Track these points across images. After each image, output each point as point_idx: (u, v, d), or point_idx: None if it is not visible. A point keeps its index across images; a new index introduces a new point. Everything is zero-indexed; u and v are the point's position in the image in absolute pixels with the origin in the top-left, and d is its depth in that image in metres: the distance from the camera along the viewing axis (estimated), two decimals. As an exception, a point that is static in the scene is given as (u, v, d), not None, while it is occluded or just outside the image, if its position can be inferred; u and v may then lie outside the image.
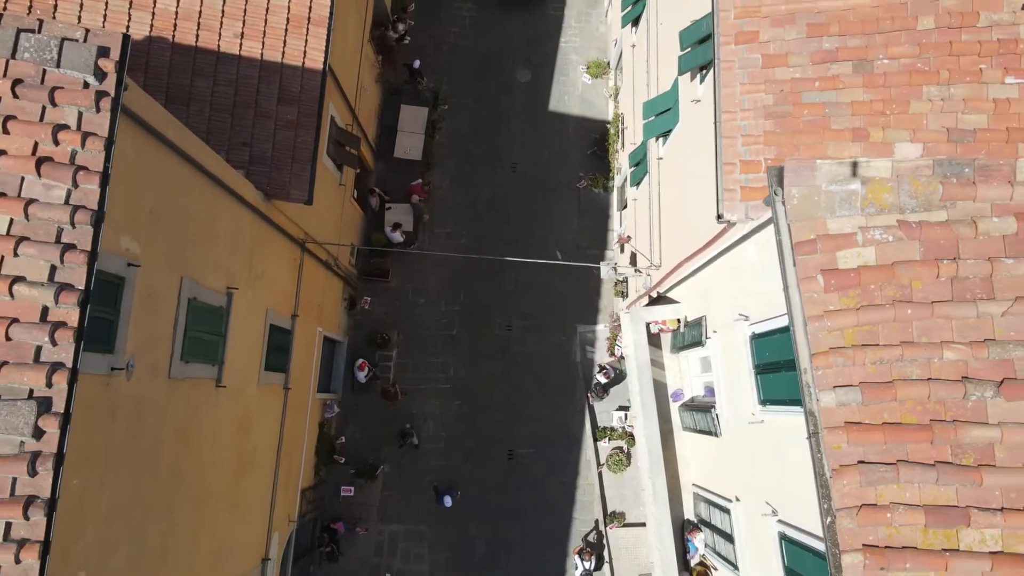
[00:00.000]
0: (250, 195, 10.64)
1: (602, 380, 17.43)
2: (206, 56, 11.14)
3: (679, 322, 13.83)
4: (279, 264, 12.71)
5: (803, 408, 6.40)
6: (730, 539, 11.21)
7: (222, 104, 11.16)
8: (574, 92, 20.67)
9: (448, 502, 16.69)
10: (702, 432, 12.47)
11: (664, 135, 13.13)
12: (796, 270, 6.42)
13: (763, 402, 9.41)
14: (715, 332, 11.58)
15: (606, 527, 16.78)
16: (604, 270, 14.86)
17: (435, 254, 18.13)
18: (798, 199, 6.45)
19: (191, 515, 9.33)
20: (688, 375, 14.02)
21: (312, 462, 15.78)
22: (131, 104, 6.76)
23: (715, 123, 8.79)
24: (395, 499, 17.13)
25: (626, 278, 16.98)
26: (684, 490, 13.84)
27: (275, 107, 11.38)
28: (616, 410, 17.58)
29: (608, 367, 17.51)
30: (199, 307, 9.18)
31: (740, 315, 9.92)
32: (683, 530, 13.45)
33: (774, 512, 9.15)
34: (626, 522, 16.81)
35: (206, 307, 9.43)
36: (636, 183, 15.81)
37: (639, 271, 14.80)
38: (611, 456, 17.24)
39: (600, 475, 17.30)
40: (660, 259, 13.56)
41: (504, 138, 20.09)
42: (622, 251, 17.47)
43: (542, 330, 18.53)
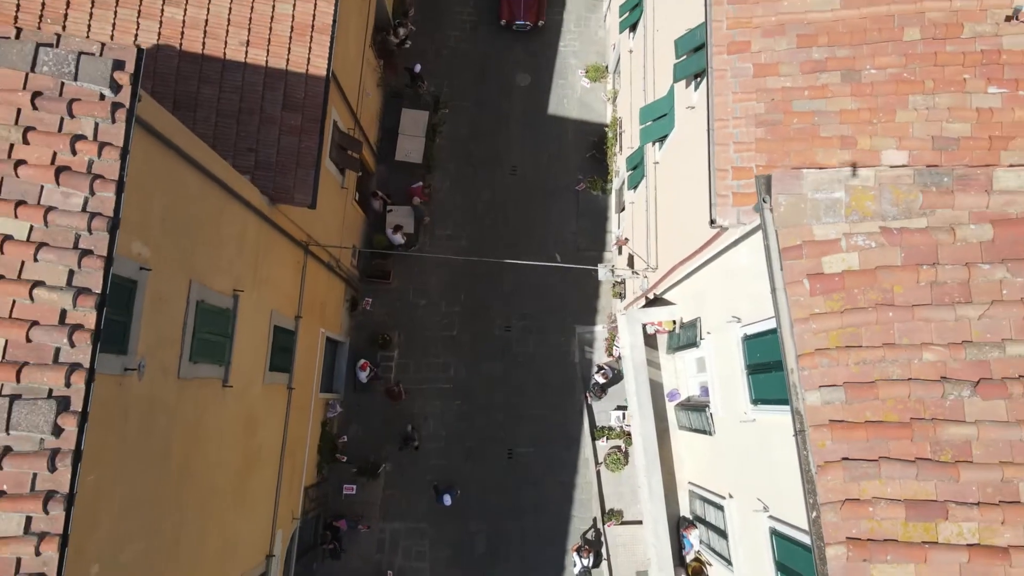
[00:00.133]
0: (255, 199, 10.90)
1: (600, 380, 17.69)
2: (212, 64, 11.40)
3: (675, 323, 14.09)
4: (283, 266, 12.98)
5: (790, 407, 6.66)
6: (724, 535, 11.48)
7: (228, 110, 11.43)
8: (573, 96, 20.94)
9: (448, 501, 16.95)
10: (697, 431, 12.73)
11: (660, 140, 13.39)
12: (783, 274, 6.69)
13: (755, 401, 9.68)
14: (709, 333, 11.84)
15: (604, 525, 17.04)
16: (602, 272, 15.13)
17: (436, 256, 18.40)
18: (785, 206, 6.72)
19: (199, 511, 9.59)
20: (684, 375, 14.29)
21: (315, 460, 16.05)
22: (144, 114, 7.02)
23: (708, 130, 9.04)
24: (396, 497, 17.41)
25: (624, 280, 17.23)
26: (680, 488, 14.10)
27: (280, 113, 11.65)
28: (614, 410, 17.84)
29: (606, 367, 17.78)
30: (207, 309, 9.45)
31: (733, 317, 10.18)
32: (679, 527, 13.71)
33: (765, 508, 9.41)
34: (624, 520, 17.07)
35: (213, 309, 9.70)
36: (634, 186, 16.08)
37: (636, 273, 15.07)
38: (609, 455, 17.50)
39: (598, 474, 17.56)
40: (657, 261, 13.83)
41: (504, 141, 20.37)
42: (620, 253, 17.72)
43: (541, 331, 18.80)
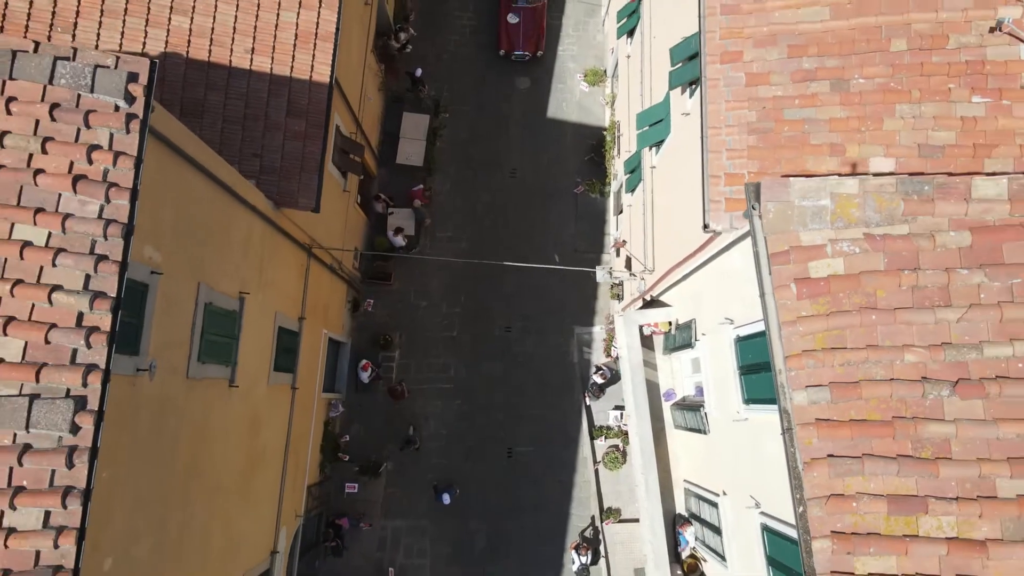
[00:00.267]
0: (261, 204, 11.17)
1: (599, 380, 17.95)
2: (218, 71, 11.66)
3: (670, 325, 14.36)
4: (287, 269, 13.24)
5: (778, 406, 6.93)
6: (718, 531, 11.74)
7: (234, 116, 11.69)
8: (572, 99, 21.21)
9: (446, 500, 17.20)
10: (692, 430, 13.00)
11: (657, 145, 13.66)
12: (771, 279, 6.95)
13: (747, 401, 9.95)
14: (704, 335, 12.10)
15: (602, 523, 17.30)
16: (600, 274, 15.38)
17: (437, 259, 18.67)
18: (773, 213, 6.99)
19: (206, 508, 9.85)
20: (679, 375, 14.55)
21: (318, 459, 16.31)
22: (156, 124, 7.28)
23: (702, 138, 9.31)
24: (398, 496, 17.67)
25: (622, 281, 17.50)
26: (676, 486, 14.36)
27: (284, 119, 11.91)
28: (612, 409, 18.10)
29: (605, 368, 18.04)
30: (214, 311, 9.71)
31: (726, 319, 10.45)
32: (675, 524, 13.98)
33: (757, 505, 9.67)
34: (622, 518, 17.33)
35: (220, 311, 9.96)
36: (631, 189, 16.34)
37: (634, 275, 15.33)
38: (607, 454, 17.76)
39: (596, 472, 17.83)
40: (653, 263, 14.09)
41: (503, 144, 20.64)
42: (618, 255, 17.98)
43: (541, 332, 19.06)
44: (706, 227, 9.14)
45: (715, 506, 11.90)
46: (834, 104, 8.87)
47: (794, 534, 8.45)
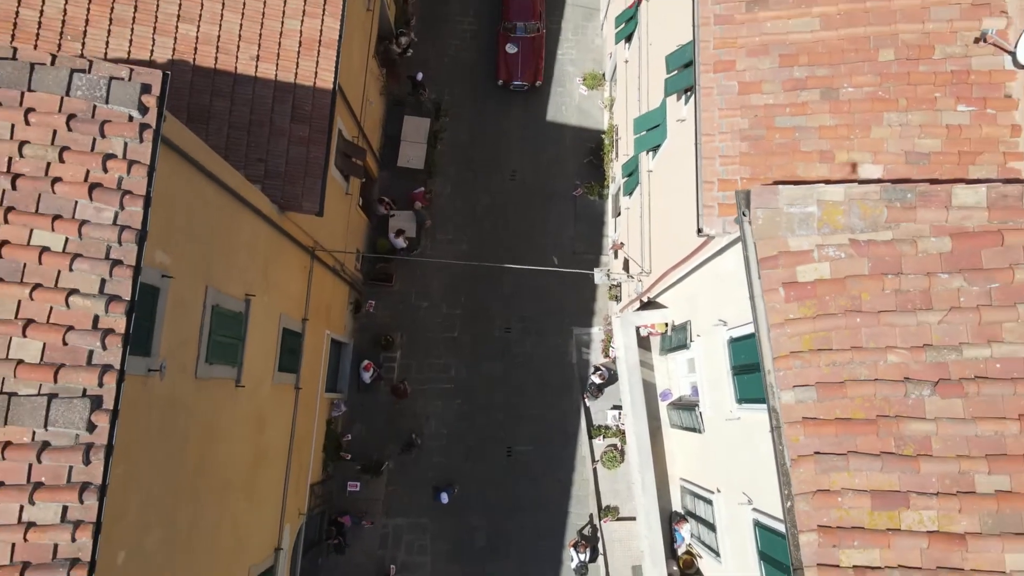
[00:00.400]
0: (266, 208, 11.43)
1: (597, 380, 18.21)
2: (224, 78, 11.92)
3: (667, 326, 14.62)
4: (291, 271, 13.51)
5: (767, 405, 7.19)
6: (712, 528, 12.01)
7: (239, 122, 11.94)
8: (571, 103, 21.46)
9: (445, 499, 17.42)
10: (688, 429, 13.27)
11: (654, 149, 13.92)
12: (761, 283, 7.21)
13: (739, 401, 10.21)
14: (699, 336, 12.37)
15: (600, 521, 17.54)
16: (598, 275, 15.63)
17: (438, 260, 18.92)
18: (763, 219, 7.25)
19: (214, 505, 10.11)
20: (675, 376, 14.81)
21: (320, 458, 16.58)
22: (168, 133, 7.55)
23: (696, 145, 9.57)
24: (399, 494, 17.92)
25: (620, 283, 17.76)
26: (672, 483, 14.63)
27: (288, 125, 12.17)
28: (610, 409, 18.36)
29: (603, 368, 18.29)
30: (221, 313, 9.98)
31: (720, 320, 10.71)
32: (671, 521, 14.25)
33: (749, 501, 9.94)
34: (620, 516, 17.57)
35: (227, 313, 10.23)
36: (629, 192, 16.60)
37: (631, 277, 15.60)
38: (605, 453, 18.02)
39: (595, 471, 18.08)
40: (650, 266, 14.35)
41: (503, 147, 20.89)
42: (616, 257, 18.25)
43: (540, 332, 19.32)
44: (699, 231, 9.39)
45: (710, 503, 12.17)
46: (824, 112, 9.11)
47: (783, 529, 8.74)
